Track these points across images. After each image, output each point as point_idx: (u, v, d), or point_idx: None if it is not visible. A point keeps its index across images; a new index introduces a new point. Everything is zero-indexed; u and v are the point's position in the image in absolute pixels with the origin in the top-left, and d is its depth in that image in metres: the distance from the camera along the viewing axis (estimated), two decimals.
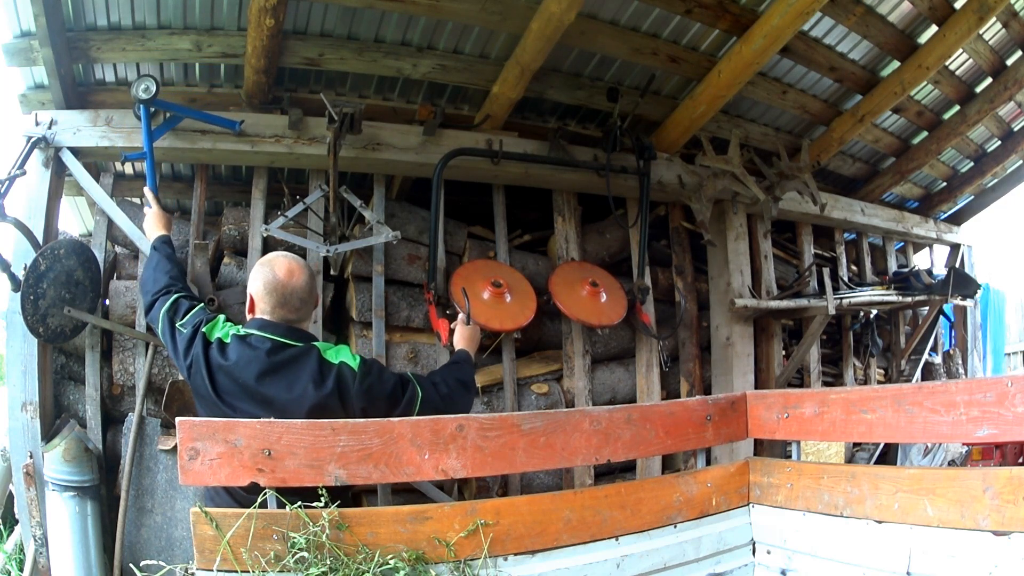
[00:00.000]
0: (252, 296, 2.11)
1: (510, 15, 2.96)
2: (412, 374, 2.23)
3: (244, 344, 2.02)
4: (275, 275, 2.07)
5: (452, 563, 1.71)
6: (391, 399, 2.11)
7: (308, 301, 2.13)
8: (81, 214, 4.33)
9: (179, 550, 2.78)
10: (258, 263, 2.15)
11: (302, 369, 2.01)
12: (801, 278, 4.43)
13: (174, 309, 2.17)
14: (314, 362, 2.02)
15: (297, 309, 2.09)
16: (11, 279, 2.60)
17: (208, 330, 2.07)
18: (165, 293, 2.25)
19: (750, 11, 3.23)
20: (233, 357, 2.00)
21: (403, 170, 3.35)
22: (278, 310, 2.06)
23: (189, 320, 2.11)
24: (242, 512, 1.57)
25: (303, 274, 2.11)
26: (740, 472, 2.26)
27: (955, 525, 1.68)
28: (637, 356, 3.71)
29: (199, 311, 2.15)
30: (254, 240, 3.08)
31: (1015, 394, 1.66)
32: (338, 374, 2.03)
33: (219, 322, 2.10)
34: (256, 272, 2.12)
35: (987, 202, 5.84)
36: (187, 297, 2.23)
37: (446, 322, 3.11)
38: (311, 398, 1.97)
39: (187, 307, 2.17)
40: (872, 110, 4.13)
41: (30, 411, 2.71)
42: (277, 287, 2.06)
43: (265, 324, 2.06)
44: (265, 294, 2.06)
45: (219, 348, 2.02)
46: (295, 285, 2.07)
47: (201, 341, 2.04)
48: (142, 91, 2.66)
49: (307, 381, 1.99)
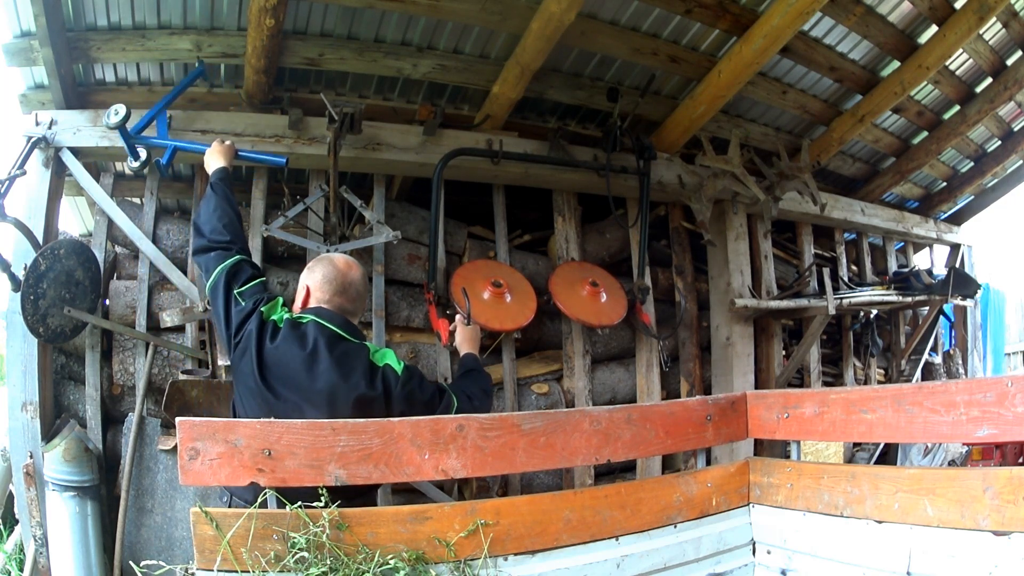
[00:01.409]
0: (309, 286, 2.12)
1: (510, 15, 2.96)
2: (447, 384, 2.27)
3: (296, 331, 1.99)
4: (335, 267, 2.12)
5: (452, 563, 1.71)
6: (428, 405, 2.12)
7: (363, 296, 2.19)
8: (81, 214, 4.33)
9: (179, 550, 2.78)
10: (314, 260, 2.19)
11: (356, 362, 2.01)
12: (801, 278, 4.43)
13: (234, 272, 2.08)
14: (365, 360, 2.04)
15: (353, 300, 2.13)
16: (11, 279, 2.60)
17: (267, 310, 2.03)
18: (226, 248, 2.14)
19: (750, 11, 3.23)
20: (281, 342, 1.97)
21: (403, 170, 3.35)
22: (336, 298, 2.09)
23: (249, 292, 2.05)
24: (242, 512, 1.57)
25: (360, 270, 2.18)
26: (740, 472, 2.26)
27: (955, 525, 1.68)
28: (637, 356, 3.71)
29: (259, 285, 2.09)
30: (254, 240, 3.08)
31: (1015, 394, 1.66)
32: (383, 376, 2.04)
33: (278, 304, 2.07)
34: (313, 265, 2.15)
35: (987, 202, 5.84)
36: (250, 263, 2.15)
37: (446, 322, 3.11)
38: (362, 389, 1.98)
39: (249, 275, 2.10)
40: (872, 110, 4.13)
41: (30, 411, 2.71)
42: (337, 276, 2.10)
43: (323, 312, 2.07)
44: (324, 282, 2.09)
45: (272, 331, 1.99)
46: (354, 277, 2.13)
47: (257, 320, 1.99)
48: (112, 114, 2.63)
49: (360, 376, 2.00)
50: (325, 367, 1.96)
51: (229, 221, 2.21)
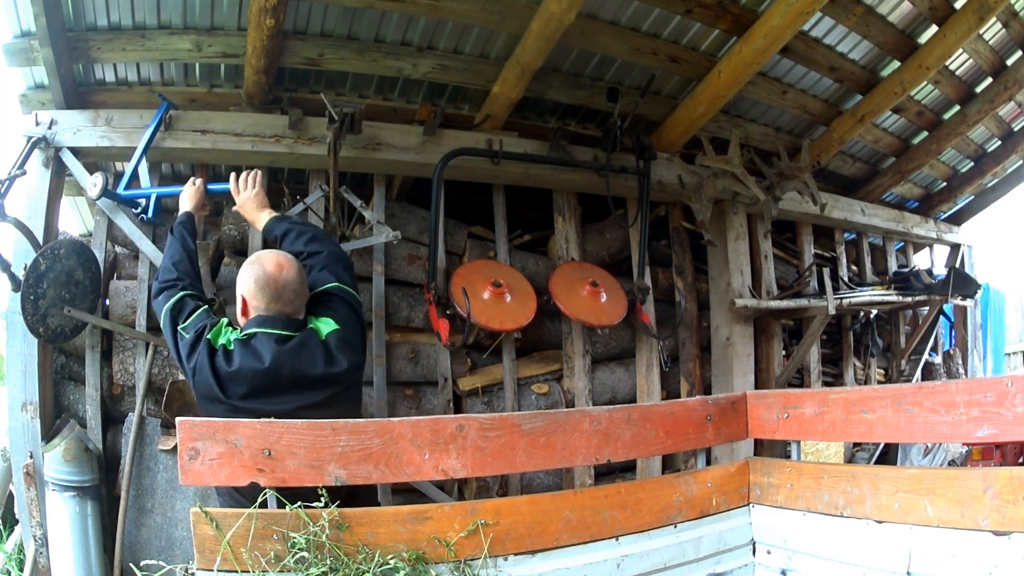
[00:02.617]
0: (244, 297, 2.09)
1: (510, 15, 2.96)
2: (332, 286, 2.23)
3: (248, 348, 2.00)
4: (265, 271, 2.05)
5: (452, 563, 1.71)
6: (356, 318, 2.20)
7: (301, 292, 2.11)
8: (81, 214, 4.33)
9: (179, 550, 2.78)
10: (245, 263, 2.13)
11: (309, 351, 2.04)
12: (801, 278, 4.43)
13: (178, 308, 2.13)
14: (316, 342, 2.07)
15: (291, 302, 2.07)
16: (11, 279, 2.60)
17: (213, 336, 2.03)
18: (171, 287, 2.19)
19: (750, 11, 3.23)
20: (238, 362, 1.98)
21: (403, 170, 3.35)
22: (273, 305, 2.05)
23: (192, 324, 2.08)
24: (242, 512, 1.57)
25: (292, 266, 2.10)
26: (740, 472, 2.26)
27: (955, 525, 1.68)
28: (637, 356, 3.71)
29: (202, 315, 2.11)
30: (254, 240, 3.08)
31: (1015, 394, 1.66)
32: (330, 347, 2.08)
33: (222, 327, 2.07)
34: (245, 271, 2.10)
35: (987, 202, 5.84)
36: (192, 296, 2.18)
37: (446, 322, 3.12)
38: (321, 369, 2.03)
39: (191, 308, 2.13)
40: (872, 110, 4.13)
41: (30, 411, 2.71)
42: (269, 282, 2.04)
43: (264, 320, 2.04)
44: (257, 291, 2.05)
45: (224, 355, 2.00)
46: (286, 278, 2.06)
47: (206, 348, 2.01)
48: (91, 187, 2.74)
49: (319, 360, 2.03)
50: (288, 373, 1.99)
51: (179, 260, 2.29)
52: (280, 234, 2.40)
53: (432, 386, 3.26)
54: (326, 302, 2.19)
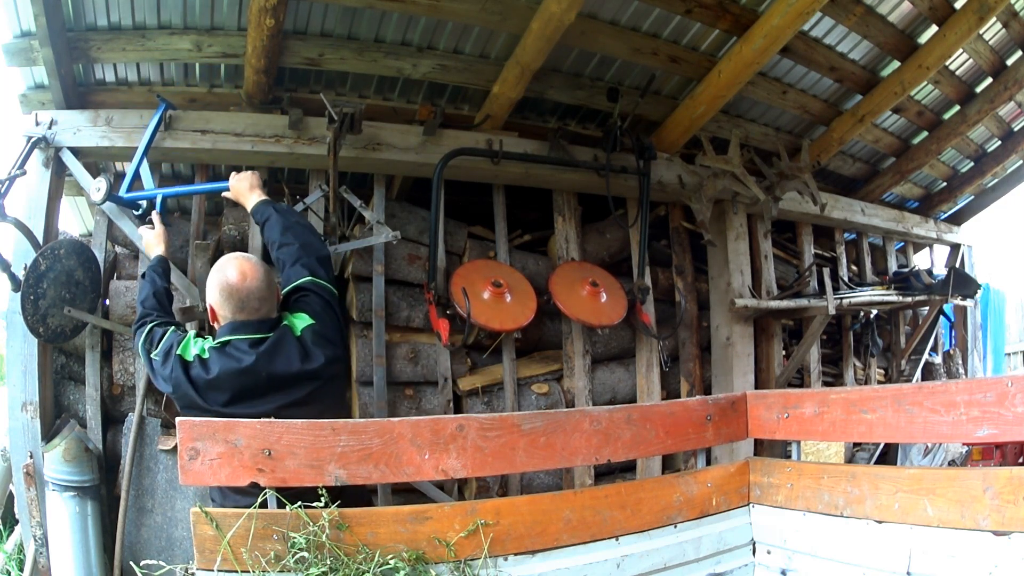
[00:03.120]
0: (211, 306, 2.09)
1: (510, 15, 2.96)
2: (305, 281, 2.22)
3: (223, 354, 2.01)
4: (228, 281, 2.04)
5: (452, 563, 1.72)
6: (330, 312, 2.19)
7: (267, 299, 2.09)
8: (81, 214, 4.33)
9: (179, 550, 2.79)
10: (212, 270, 2.12)
11: (290, 348, 2.05)
12: (801, 278, 4.43)
13: (149, 340, 2.15)
14: (290, 339, 2.07)
15: (257, 309, 2.06)
16: (11, 279, 2.60)
17: (182, 351, 2.03)
18: (141, 325, 2.22)
19: (750, 11, 3.23)
20: (216, 370, 1.98)
21: (403, 170, 3.35)
22: (239, 314, 2.04)
23: (161, 348, 2.08)
24: (242, 512, 1.57)
25: (256, 273, 2.07)
26: (740, 472, 2.26)
27: (955, 525, 1.68)
28: (637, 356, 3.71)
29: (169, 336, 2.11)
30: (254, 240, 3.08)
31: (1015, 394, 1.66)
32: (306, 342, 2.08)
33: (190, 340, 2.07)
34: (210, 280, 2.09)
35: (987, 202, 5.84)
36: (159, 324, 2.19)
37: (446, 322, 3.12)
38: (297, 367, 2.04)
39: (159, 335, 2.13)
40: (872, 110, 4.13)
41: (30, 411, 2.71)
42: (233, 293, 2.04)
43: (235, 326, 2.04)
44: (223, 301, 2.05)
45: (200, 365, 2.00)
46: (249, 287, 2.04)
47: (178, 363, 2.01)
48: (95, 192, 2.73)
49: (297, 358, 2.04)
50: (266, 374, 2.00)
51: (146, 298, 2.34)
52: (261, 221, 2.42)
53: (432, 386, 3.26)
54: (300, 298, 2.19)
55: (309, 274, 2.23)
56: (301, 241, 2.31)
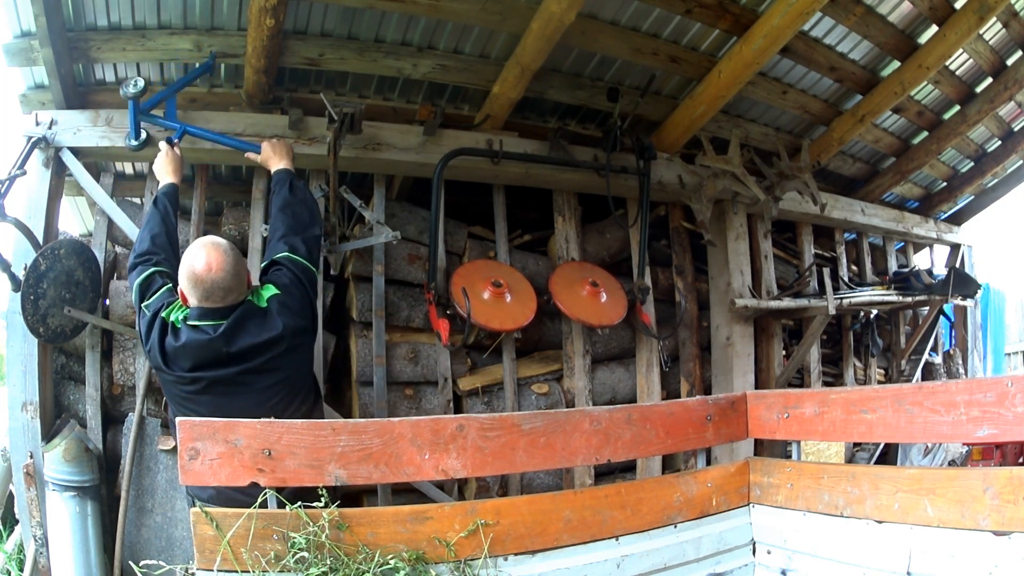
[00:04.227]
0: (181, 289, 2.13)
1: (510, 15, 2.96)
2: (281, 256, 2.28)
3: (192, 328, 2.07)
4: (194, 270, 2.07)
5: (452, 563, 1.72)
6: (299, 286, 2.23)
7: (233, 289, 2.11)
8: (81, 214, 4.33)
9: (179, 550, 2.78)
10: (184, 252, 2.15)
11: (251, 320, 2.11)
12: (801, 278, 4.43)
13: (147, 284, 2.20)
14: (255, 311, 2.12)
15: (223, 299, 2.09)
16: (11, 279, 2.60)
17: (167, 314, 2.10)
18: (146, 261, 2.26)
19: (750, 11, 3.23)
20: (183, 338, 2.05)
21: (403, 170, 3.35)
22: (204, 303, 2.09)
23: (153, 303, 2.14)
24: (242, 512, 1.57)
25: (223, 263, 2.08)
26: (740, 472, 2.26)
27: (955, 525, 1.68)
28: (637, 356, 3.71)
29: (165, 293, 2.17)
30: (254, 240, 3.08)
31: (1015, 394, 1.66)
32: (275, 309, 2.14)
33: (177, 305, 2.13)
34: (181, 263, 2.12)
35: (987, 202, 5.84)
36: (162, 273, 2.23)
37: (446, 322, 3.12)
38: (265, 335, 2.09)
39: (158, 285, 2.19)
40: (872, 110, 4.13)
41: (30, 411, 2.71)
42: (198, 281, 2.07)
43: (202, 313, 2.09)
44: (190, 288, 2.09)
45: (172, 331, 2.08)
46: (214, 278, 2.06)
47: (159, 326, 2.08)
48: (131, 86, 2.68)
49: (258, 327, 2.10)
50: (229, 348, 2.05)
51: (158, 233, 2.35)
52: (273, 187, 2.53)
53: (432, 386, 3.26)
54: (274, 271, 2.26)
55: (287, 250, 2.29)
56: (293, 220, 2.38)
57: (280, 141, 2.68)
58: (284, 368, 2.14)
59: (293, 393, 2.19)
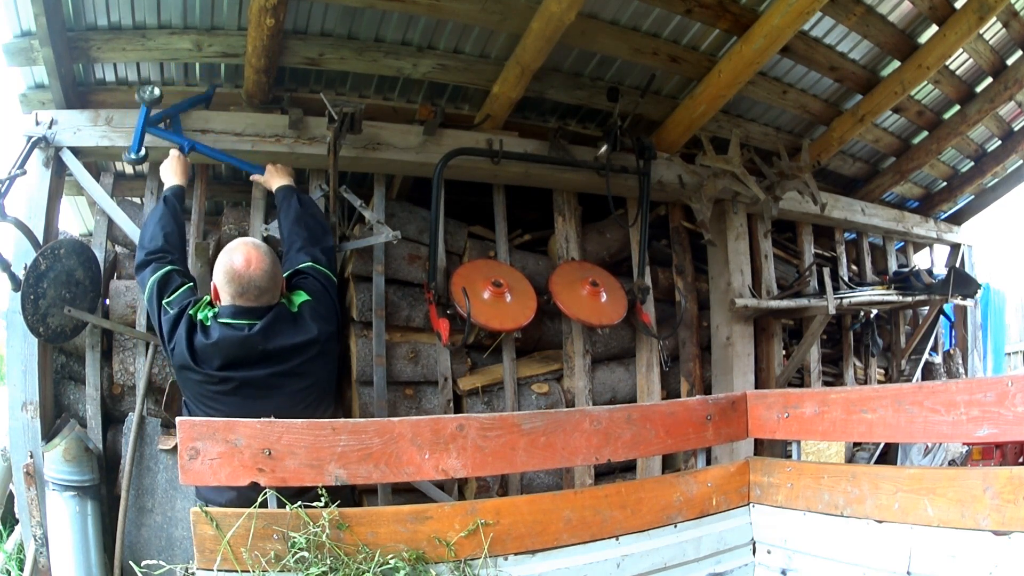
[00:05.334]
0: (215, 285, 2.15)
1: (510, 15, 2.96)
2: (306, 265, 2.36)
3: (224, 325, 2.09)
4: (233, 266, 2.10)
5: (452, 563, 1.72)
6: (328, 294, 2.33)
7: (268, 289, 2.15)
8: (81, 214, 4.33)
9: (179, 550, 2.78)
10: (224, 249, 2.19)
11: (286, 322, 2.15)
12: (801, 278, 4.43)
13: (165, 281, 2.21)
14: (286, 314, 2.17)
15: (258, 297, 2.13)
16: (11, 279, 2.60)
17: (194, 311, 2.12)
18: (160, 259, 2.27)
19: (750, 11, 3.23)
20: (216, 335, 2.06)
21: (403, 170, 3.35)
22: (239, 299, 2.11)
23: (176, 300, 2.16)
24: (242, 512, 1.57)
25: (263, 262, 2.13)
26: (740, 472, 2.26)
27: (955, 525, 1.68)
28: (637, 356, 3.71)
29: (187, 291, 2.20)
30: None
31: (1015, 394, 1.66)
32: (303, 317, 2.19)
33: (203, 303, 2.16)
34: (219, 259, 2.16)
35: (987, 202, 5.84)
36: (180, 272, 2.26)
37: (446, 322, 3.12)
38: (299, 338, 2.14)
39: (177, 284, 2.21)
40: (872, 110, 4.13)
41: (30, 411, 2.71)
42: (235, 277, 2.09)
43: (235, 311, 2.11)
44: (225, 283, 2.11)
45: (202, 329, 2.09)
46: (252, 275, 2.10)
47: (187, 323, 2.09)
48: (147, 91, 2.75)
49: (292, 331, 2.15)
50: (262, 347, 2.08)
51: (171, 232, 2.38)
52: (279, 203, 2.63)
53: (432, 386, 3.26)
54: (300, 280, 2.31)
55: (310, 260, 2.36)
56: (308, 232, 2.47)
57: (280, 164, 2.88)
58: (314, 373, 2.18)
59: (319, 399, 2.22)
